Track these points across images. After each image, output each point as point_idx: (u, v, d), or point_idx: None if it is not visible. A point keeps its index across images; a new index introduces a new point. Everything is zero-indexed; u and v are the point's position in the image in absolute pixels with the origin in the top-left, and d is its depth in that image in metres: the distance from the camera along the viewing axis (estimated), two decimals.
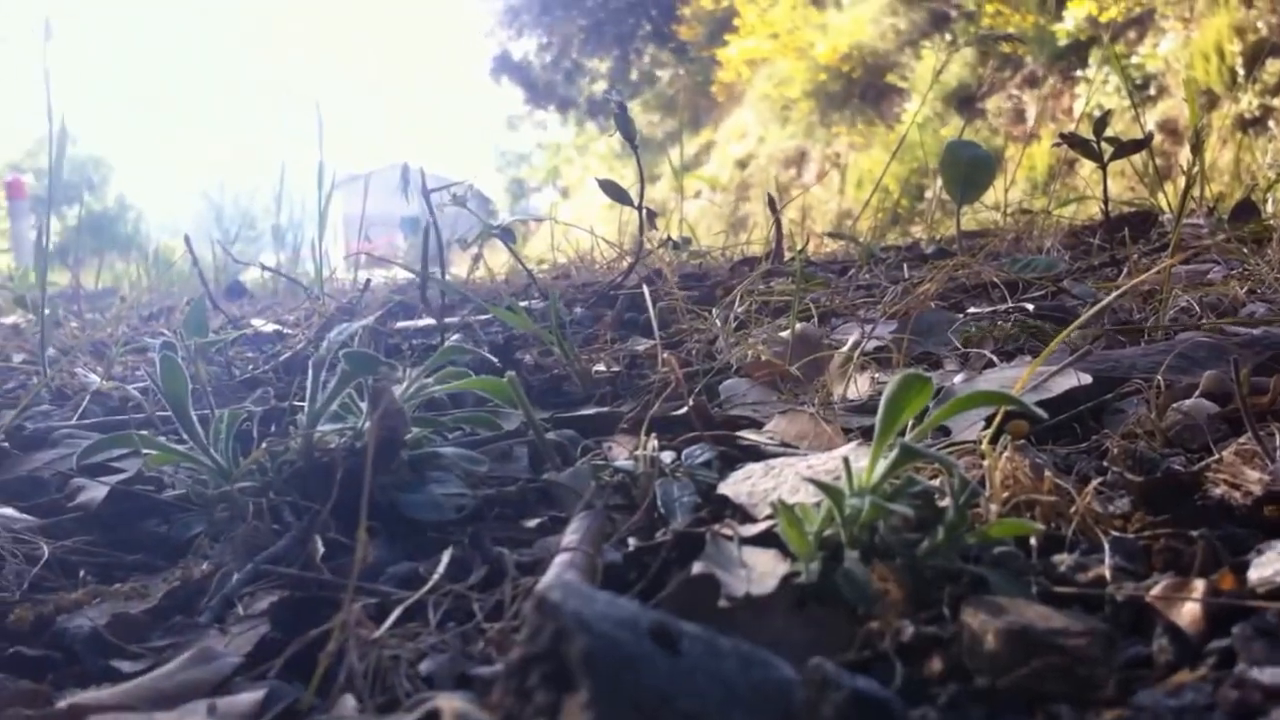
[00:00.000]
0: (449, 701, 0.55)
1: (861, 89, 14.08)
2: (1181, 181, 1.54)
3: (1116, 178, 2.07)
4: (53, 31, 1.63)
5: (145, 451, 0.93)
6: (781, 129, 14.82)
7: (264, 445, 0.90)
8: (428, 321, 1.61)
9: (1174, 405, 0.89)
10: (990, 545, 0.66)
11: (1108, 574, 0.64)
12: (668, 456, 0.90)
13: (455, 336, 1.41)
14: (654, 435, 0.90)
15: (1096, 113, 1.76)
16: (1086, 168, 1.89)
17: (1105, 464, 0.82)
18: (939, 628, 0.61)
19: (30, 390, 1.36)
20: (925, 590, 0.64)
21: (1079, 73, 10.25)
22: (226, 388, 1.33)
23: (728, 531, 0.73)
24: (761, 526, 0.74)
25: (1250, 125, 7.83)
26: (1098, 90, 6.48)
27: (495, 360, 1.11)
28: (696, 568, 0.67)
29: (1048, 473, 0.73)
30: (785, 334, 1.23)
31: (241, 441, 0.94)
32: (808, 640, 0.61)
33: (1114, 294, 1.06)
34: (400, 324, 1.66)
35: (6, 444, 1.11)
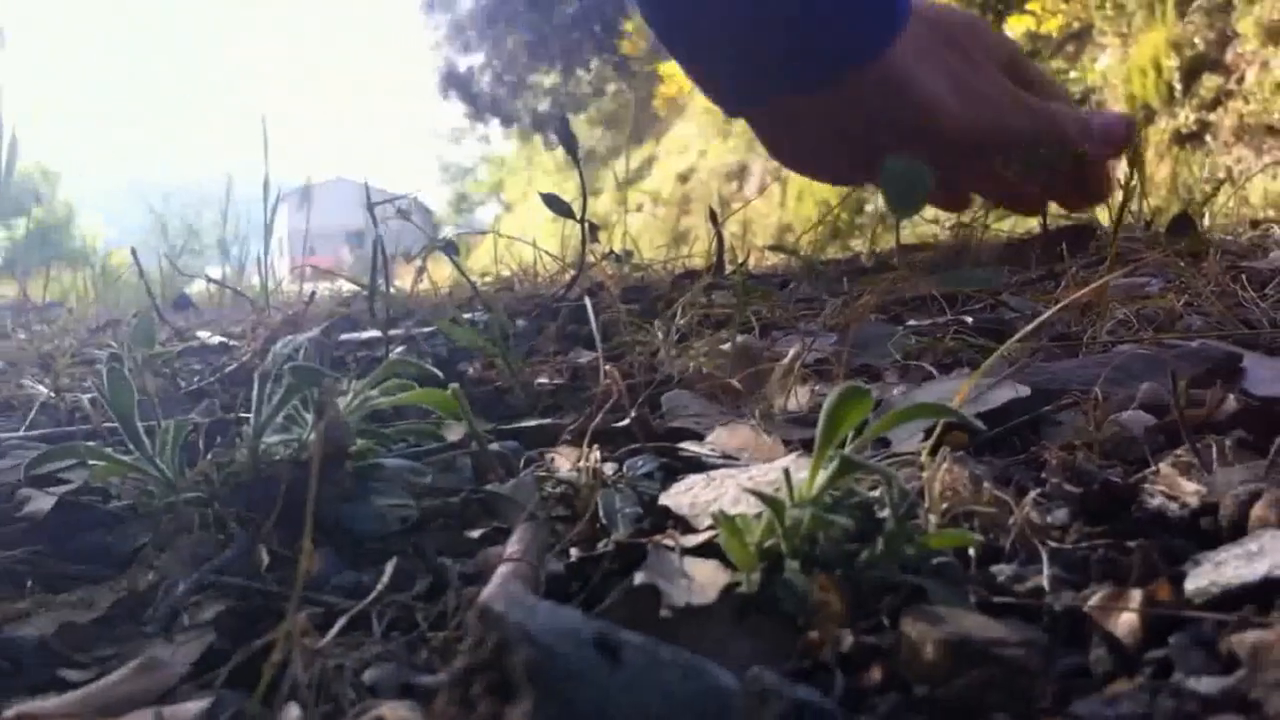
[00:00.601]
0: (393, 710, 0.55)
1: None
2: (1119, 196, 1.55)
3: None
4: (6, 40, 1.61)
5: (92, 462, 0.92)
6: (723, 143, 14.87)
7: (210, 456, 0.89)
8: (372, 334, 1.60)
9: (1111, 417, 0.89)
10: (929, 556, 0.66)
11: (1046, 584, 0.63)
12: (610, 468, 0.90)
13: (399, 349, 1.41)
14: (596, 447, 0.89)
15: None
16: None
17: (1043, 475, 0.82)
18: (878, 638, 0.60)
19: None
20: (865, 600, 0.63)
21: None
22: (173, 399, 1.31)
23: (669, 542, 0.72)
24: (703, 537, 0.73)
25: (1187, 140, 7.91)
26: None
27: (439, 373, 1.10)
28: (638, 578, 0.66)
29: (986, 484, 0.73)
30: (726, 346, 1.23)
31: (187, 453, 0.93)
32: (749, 650, 0.61)
33: (1053, 308, 1.07)
34: (345, 336, 1.65)
35: None
